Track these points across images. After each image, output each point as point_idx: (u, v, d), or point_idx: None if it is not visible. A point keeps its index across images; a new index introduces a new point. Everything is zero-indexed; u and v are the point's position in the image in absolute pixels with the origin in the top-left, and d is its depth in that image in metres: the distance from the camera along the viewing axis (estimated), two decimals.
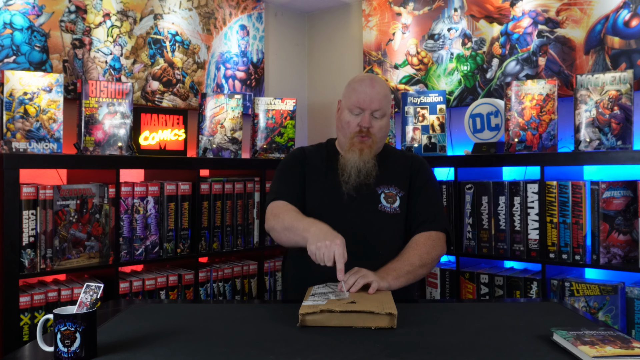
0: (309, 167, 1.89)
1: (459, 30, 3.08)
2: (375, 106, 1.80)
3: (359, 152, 1.80)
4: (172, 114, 2.70)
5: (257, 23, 3.43)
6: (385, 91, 1.83)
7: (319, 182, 1.86)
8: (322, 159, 1.91)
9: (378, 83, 1.83)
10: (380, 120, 1.82)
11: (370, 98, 1.79)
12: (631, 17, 2.53)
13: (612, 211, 2.27)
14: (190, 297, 2.56)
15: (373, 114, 1.80)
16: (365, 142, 1.81)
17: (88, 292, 1.22)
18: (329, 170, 1.86)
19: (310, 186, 1.86)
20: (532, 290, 2.43)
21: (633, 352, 1.10)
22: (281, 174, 1.90)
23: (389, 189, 1.83)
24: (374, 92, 1.80)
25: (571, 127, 2.56)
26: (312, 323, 1.37)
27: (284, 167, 1.92)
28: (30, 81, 2.21)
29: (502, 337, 1.29)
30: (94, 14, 2.68)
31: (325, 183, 1.85)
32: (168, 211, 2.52)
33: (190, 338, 1.31)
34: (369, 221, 1.78)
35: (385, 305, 1.39)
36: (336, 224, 1.76)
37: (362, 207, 1.79)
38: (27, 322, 2.10)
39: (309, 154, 1.93)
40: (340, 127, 1.88)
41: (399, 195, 1.83)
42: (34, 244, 2.12)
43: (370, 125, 1.80)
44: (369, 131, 1.80)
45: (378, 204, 1.80)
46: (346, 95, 1.86)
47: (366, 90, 1.80)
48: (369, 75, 1.90)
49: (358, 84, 1.83)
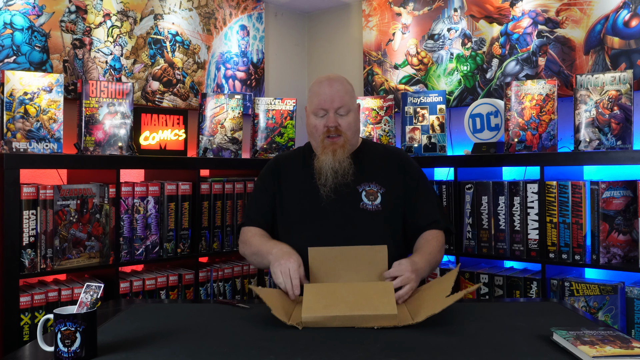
0: (284, 177, 1.91)
1: (458, 31, 3.08)
2: (337, 104, 1.81)
3: (332, 153, 1.80)
4: (172, 114, 2.70)
5: (257, 23, 3.43)
6: (344, 87, 1.84)
7: (297, 188, 1.87)
8: (299, 164, 1.92)
9: (336, 81, 1.85)
10: (346, 116, 1.83)
11: (331, 97, 1.81)
12: (631, 17, 2.53)
13: (612, 211, 2.27)
14: (191, 297, 2.56)
15: (337, 112, 1.82)
16: (336, 142, 1.81)
17: (88, 292, 1.22)
18: (306, 175, 1.87)
19: (287, 194, 1.88)
20: (532, 290, 2.43)
21: (633, 352, 1.11)
22: (255, 192, 1.97)
23: (369, 187, 1.83)
24: (333, 91, 1.81)
25: (571, 127, 2.56)
26: (313, 324, 1.37)
27: (258, 183, 1.98)
28: (31, 81, 2.21)
29: (502, 337, 1.30)
30: (94, 14, 2.68)
31: (303, 188, 1.86)
32: (168, 211, 2.52)
33: (190, 338, 1.31)
34: (351, 220, 1.79)
35: (387, 306, 1.39)
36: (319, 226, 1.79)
37: (344, 207, 1.79)
38: (28, 322, 2.10)
39: (284, 162, 1.95)
40: (310, 133, 1.89)
41: (380, 192, 1.83)
42: (34, 243, 2.12)
43: (336, 123, 1.81)
44: (338, 130, 1.81)
45: (359, 202, 1.81)
46: (309, 101, 1.88)
47: (325, 90, 1.82)
48: (328, 75, 1.91)
49: (317, 86, 1.86)
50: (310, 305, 1.41)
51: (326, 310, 1.39)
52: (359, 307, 1.39)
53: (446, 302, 1.35)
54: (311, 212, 1.81)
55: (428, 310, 1.36)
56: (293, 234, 1.82)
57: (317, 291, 1.50)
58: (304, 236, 1.77)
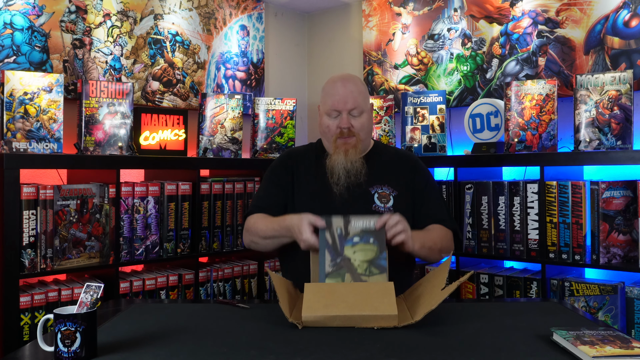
0: (297, 171, 1.89)
1: (458, 31, 3.08)
2: (351, 105, 1.79)
3: (344, 153, 1.79)
4: (172, 114, 2.71)
5: (257, 23, 3.43)
6: (358, 88, 1.82)
7: (309, 184, 1.86)
8: (312, 160, 1.91)
9: (350, 82, 1.83)
10: (359, 117, 1.81)
11: (345, 98, 1.79)
12: (631, 17, 2.53)
13: (611, 211, 2.27)
14: (191, 297, 2.57)
15: (351, 113, 1.80)
16: (349, 142, 1.80)
17: (88, 292, 1.22)
18: (318, 172, 1.86)
19: (300, 189, 1.87)
20: (532, 290, 2.43)
21: (633, 352, 1.11)
22: (265, 183, 1.93)
23: (382, 189, 1.82)
24: (347, 92, 1.80)
25: (571, 127, 2.56)
26: (313, 324, 1.38)
27: (269, 175, 1.95)
28: (31, 81, 2.21)
29: (502, 337, 1.30)
30: (94, 14, 2.68)
31: (315, 185, 1.85)
32: (168, 211, 2.52)
33: (190, 338, 1.31)
34: None
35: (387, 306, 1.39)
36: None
37: (355, 208, 1.78)
38: (28, 322, 2.10)
39: (297, 156, 1.94)
40: (322, 133, 1.88)
41: (392, 194, 1.82)
42: (34, 243, 2.12)
43: (349, 125, 1.80)
44: (351, 131, 1.80)
45: (372, 204, 1.80)
46: (322, 101, 1.87)
47: (339, 91, 1.80)
48: (341, 75, 1.89)
49: (330, 86, 1.84)
50: (310, 305, 1.41)
51: (326, 309, 1.39)
52: (359, 307, 1.39)
53: (442, 295, 1.35)
54: (323, 209, 1.79)
55: (426, 306, 1.36)
56: None
57: (317, 290, 1.49)
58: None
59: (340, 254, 1.57)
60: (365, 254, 1.57)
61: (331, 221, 1.60)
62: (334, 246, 1.58)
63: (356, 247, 1.58)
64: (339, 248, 1.58)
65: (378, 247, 1.58)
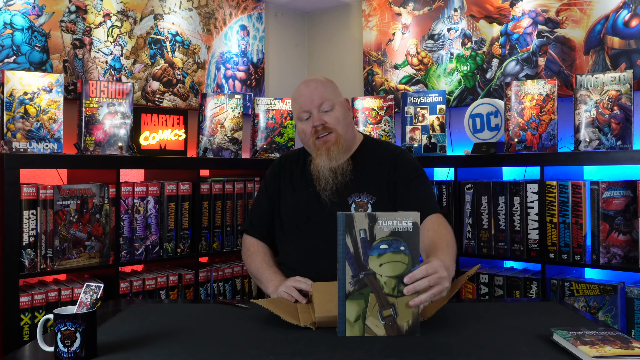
0: (285, 178, 1.88)
1: (458, 31, 3.08)
2: (318, 101, 1.76)
3: (326, 153, 1.74)
4: (172, 114, 2.70)
5: (257, 23, 3.43)
6: (322, 84, 1.80)
7: (294, 192, 1.84)
8: (300, 165, 1.89)
9: (312, 81, 1.82)
10: (332, 112, 1.77)
11: (310, 97, 1.77)
12: (631, 17, 2.53)
13: (612, 211, 2.27)
14: (191, 297, 2.57)
15: (321, 109, 1.76)
16: (328, 139, 1.75)
17: (88, 292, 1.22)
18: (304, 178, 1.83)
19: (284, 197, 1.86)
20: (532, 290, 2.43)
21: (633, 352, 1.11)
22: (259, 192, 1.96)
23: (360, 198, 1.76)
24: (311, 90, 1.78)
25: (571, 127, 2.56)
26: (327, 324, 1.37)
27: (262, 182, 1.97)
28: (31, 81, 2.21)
29: (502, 337, 1.30)
30: (94, 14, 2.68)
31: (300, 194, 1.83)
32: (168, 211, 2.52)
33: (190, 338, 1.31)
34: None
35: None
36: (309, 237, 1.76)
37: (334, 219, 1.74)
38: (28, 322, 2.10)
39: (287, 162, 1.93)
40: (301, 140, 1.85)
41: (370, 202, 1.75)
42: (34, 243, 2.12)
43: (323, 121, 1.75)
44: (326, 127, 1.75)
45: None
46: (292, 109, 1.86)
47: (303, 92, 1.79)
48: (305, 78, 1.88)
49: (296, 92, 1.83)
50: (322, 305, 1.40)
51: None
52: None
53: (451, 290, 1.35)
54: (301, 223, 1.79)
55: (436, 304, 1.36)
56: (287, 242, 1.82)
57: (325, 290, 1.46)
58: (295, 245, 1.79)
59: (363, 267, 1.29)
60: (394, 268, 1.29)
61: (353, 220, 1.30)
62: (357, 255, 1.29)
63: (383, 257, 1.29)
64: (362, 258, 1.29)
65: (410, 257, 1.29)
